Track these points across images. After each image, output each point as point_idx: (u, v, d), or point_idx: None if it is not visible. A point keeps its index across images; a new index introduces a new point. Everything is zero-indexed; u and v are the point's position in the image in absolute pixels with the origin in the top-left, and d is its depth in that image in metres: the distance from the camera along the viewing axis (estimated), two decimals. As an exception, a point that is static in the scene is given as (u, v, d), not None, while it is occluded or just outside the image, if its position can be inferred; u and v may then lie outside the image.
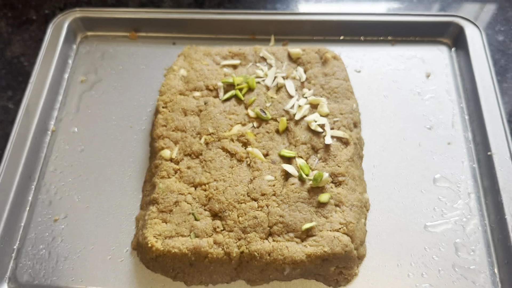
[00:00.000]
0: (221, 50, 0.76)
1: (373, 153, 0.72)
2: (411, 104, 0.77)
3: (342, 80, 0.72)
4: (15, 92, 0.81)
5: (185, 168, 0.64)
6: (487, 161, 0.69)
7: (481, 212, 0.67)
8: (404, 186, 0.69)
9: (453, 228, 0.65)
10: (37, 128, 0.73)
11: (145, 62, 0.83)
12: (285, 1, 0.94)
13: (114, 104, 0.78)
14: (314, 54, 0.75)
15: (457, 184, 0.69)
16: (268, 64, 0.74)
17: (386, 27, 0.84)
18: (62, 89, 0.80)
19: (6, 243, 0.63)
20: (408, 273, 0.62)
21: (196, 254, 0.57)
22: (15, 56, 0.86)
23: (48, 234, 0.65)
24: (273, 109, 0.69)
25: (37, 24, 0.90)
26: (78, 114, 0.77)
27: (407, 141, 0.73)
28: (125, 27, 0.86)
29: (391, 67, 0.82)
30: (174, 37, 0.86)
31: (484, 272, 0.62)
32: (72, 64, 0.83)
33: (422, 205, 0.67)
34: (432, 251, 0.63)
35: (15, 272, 0.62)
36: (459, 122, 0.75)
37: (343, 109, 0.69)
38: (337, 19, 0.84)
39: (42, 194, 0.68)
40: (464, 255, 0.63)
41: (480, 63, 0.79)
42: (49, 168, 0.71)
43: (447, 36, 0.85)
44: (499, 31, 0.89)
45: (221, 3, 0.93)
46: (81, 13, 0.85)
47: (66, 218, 0.66)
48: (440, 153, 0.72)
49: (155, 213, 0.61)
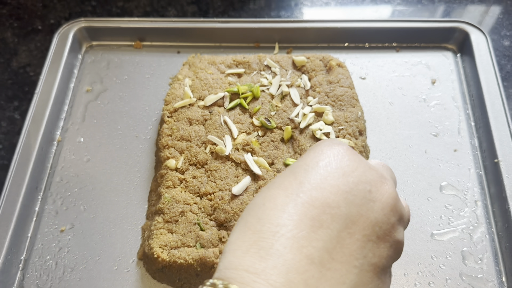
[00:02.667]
0: (226, 58, 0.76)
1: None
2: (417, 111, 0.77)
3: (347, 87, 0.72)
4: (21, 102, 0.82)
5: (191, 178, 0.64)
6: (494, 168, 0.69)
7: (488, 220, 0.66)
8: (410, 194, 0.69)
9: (460, 236, 0.65)
10: (43, 138, 0.73)
11: (150, 71, 0.83)
12: (289, 9, 0.94)
13: (119, 113, 0.78)
14: (319, 61, 0.75)
15: (463, 192, 0.68)
16: (273, 73, 0.74)
17: (391, 33, 0.84)
18: (68, 99, 0.80)
19: (13, 254, 0.64)
20: (415, 282, 0.61)
21: (202, 264, 0.57)
22: (21, 66, 0.86)
23: (54, 244, 0.65)
24: (277, 118, 0.69)
25: (43, 34, 0.91)
26: (83, 124, 0.77)
27: (413, 148, 0.73)
28: (130, 36, 0.86)
29: (396, 74, 0.81)
30: (178, 46, 0.86)
31: (492, 281, 0.61)
32: (77, 73, 0.83)
33: (429, 213, 0.67)
34: (439, 260, 0.63)
35: (22, 283, 0.62)
36: (465, 128, 0.75)
37: (348, 117, 0.68)
38: (341, 26, 0.84)
39: (49, 205, 0.69)
40: (471, 264, 0.63)
41: (486, 68, 0.78)
42: (55, 178, 0.71)
43: (453, 42, 0.84)
44: (505, 36, 0.89)
45: (225, 11, 0.94)
46: (86, 23, 0.85)
47: (72, 229, 0.66)
48: (446, 160, 0.72)
49: (160, 223, 0.61)
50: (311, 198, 0.33)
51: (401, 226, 0.37)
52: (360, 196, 0.34)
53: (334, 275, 0.31)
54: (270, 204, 0.33)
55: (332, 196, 0.33)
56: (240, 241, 0.32)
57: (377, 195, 0.35)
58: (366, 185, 0.35)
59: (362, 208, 0.34)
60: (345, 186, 0.34)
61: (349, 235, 0.32)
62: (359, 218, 0.33)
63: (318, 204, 0.32)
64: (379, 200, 0.35)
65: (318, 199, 0.33)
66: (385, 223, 0.34)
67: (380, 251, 0.34)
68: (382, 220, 0.34)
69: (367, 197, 0.34)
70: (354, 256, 0.32)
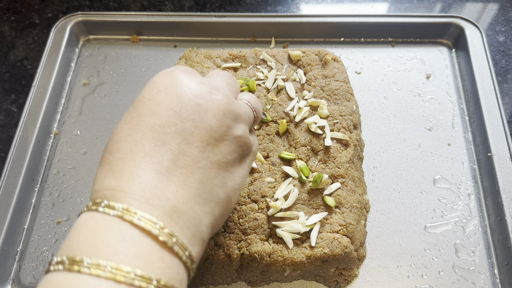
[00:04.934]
0: (222, 52, 0.77)
1: (373, 155, 0.72)
2: (411, 105, 0.78)
3: (342, 82, 0.72)
4: (19, 95, 0.82)
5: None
6: (487, 162, 0.70)
7: (481, 213, 0.67)
8: (404, 187, 0.69)
9: (453, 229, 0.65)
10: (40, 131, 0.73)
11: (146, 65, 0.83)
12: (286, 3, 0.94)
13: (116, 106, 0.78)
14: (314, 56, 0.76)
15: (457, 185, 0.69)
16: (269, 67, 0.75)
17: (386, 28, 0.85)
18: (65, 92, 0.80)
19: (9, 245, 0.64)
20: (408, 274, 0.62)
21: (197, 255, 0.58)
22: (19, 59, 0.87)
23: (51, 236, 0.66)
24: (273, 111, 0.69)
25: (40, 28, 0.91)
26: (80, 117, 0.77)
27: (407, 142, 0.74)
28: (127, 30, 0.87)
29: (391, 69, 0.82)
30: (175, 40, 0.87)
31: (484, 273, 0.62)
32: (74, 67, 0.84)
33: (422, 206, 0.67)
34: (432, 252, 0.63)
35: (18, 274, 0.63)
36: (459, 123, 0.75)
37: (343, 111, 0.69)
38: (337, 21, 0.84)
39: (45, 197, 0.69)
40: (464, 256, 0.63)
41: (480, 64, 0.79)
42: (52, 170, 0.72)
43: (448, 37, 0.85)
44: (500, 31, 0.89)
45: (222, 5, 0.94)
46: (83, 17, 0.86)
47: (68, 221, 0.67)
48: (440, 154, 0.72)
49: (156, 215, 0.61)
50: (149, 124, 0.38)
51: (240, 123, 0.43)
52: (192, 111, 0.39)
53: (180, 178, 0.38)
54: (117, 138, 0.39)
55: (167, 118, 0.39)
56: (99, 173, 0.38)
57: (208, 106, 0.40)
58: (196, 99, 0.40)
59: (196, 120, 0.39)
60: (177, 106, 0.39)
61: (189, 145, 0.39)
62: (194, 129, 0.39)
63: (156, 127, 0.38)
64: (210, 110, 0.40)
65: (155, 123, 0.38)
66: (220, 127, 0.40)
67: (220, 150, 0.41)
68: (217, 125, 0.40)
69: (198, 110, 0.40)
70: (196, 159, 0.39)
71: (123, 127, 0.40)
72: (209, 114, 0.40)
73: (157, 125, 0.38)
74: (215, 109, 0.40)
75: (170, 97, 0.40)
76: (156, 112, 0.39)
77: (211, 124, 0.40)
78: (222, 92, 0.42)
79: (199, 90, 0.41)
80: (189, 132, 0.39)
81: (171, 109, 0.39)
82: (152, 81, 0.42)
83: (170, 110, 0.39)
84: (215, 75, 0.47)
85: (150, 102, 0.40)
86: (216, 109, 0.41)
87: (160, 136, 0.38)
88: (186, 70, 0.43)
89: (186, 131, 0.39)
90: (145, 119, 0.39)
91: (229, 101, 0.42)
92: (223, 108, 0.41)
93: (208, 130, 0.40)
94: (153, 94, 0.40)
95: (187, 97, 0.40)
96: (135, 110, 0.40)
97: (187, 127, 0.39)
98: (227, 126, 0.41)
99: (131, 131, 0.39)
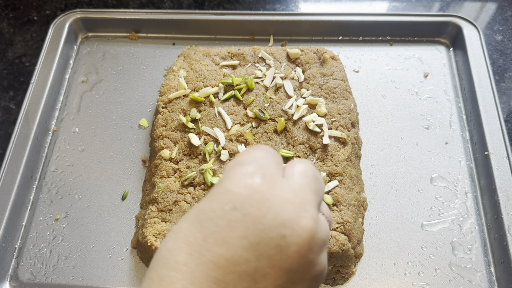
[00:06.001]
0: (220, 50, 0.77)
1: (370, 153, 0.73)
2: (409, 104, 0.78)
3: (340, 80, 0.73)
4: (17, 92, 0.82)
5: (185, 168, 0.65)
6: (484, 160, 0.70)
7: (478, 212, 0.67)
8: (401, 185, 0.69)
9: (450, 227, 0.66)
10: (39, 128, 0.73)
11: (145, 63, 0.83)
12: (284, 2, 0.94)
13: (114, 104, 0.78)
14: (313, 54, 0.76)
15: (454, 184, 0.69)
16: (267, 65, 0.75)
17: (384, 27, 0.85)
18: (63, 89, 0.80)
19: (8, 242, 0.64)
20: (405, 272, 0.62)
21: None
22: (17, 56, 0.87)
23: (49, 233, 0.66)
24: (271, 109, 0.69)
25: (39, 25, 0.91)
26: (79, 114, 0.77)
27: (405, 140, 0.74)
28: (125, 27, 0.87)
29: (389, 67, 0.82)
30: (174, 38, 0.87)
31: (481, 271, 0.62)
32: (73, 64, 0.84)
33: (419, 204, 0.68)
34: (429, 250, 0.64)
35: (16, 271, 0.63)
36: (457, 121, 0.76)
37: (341, 109, 0.69)
38: (335, 19, 0.85)
39: (43, 194, 0.69)
40: (460, 254, 0.64)
41: (478, 63, 0.79)
42: (50, 167, 0.72)
43: (445, 36, 0.85)
44: (498, 30, 0.90)
45: (221, 3, 0.94)
46: (82, 14, 0.86)
47: (66, 218, 0.67)
48: (437, 152, 0.72)
49: (154, 212, 0.62)
50: (215, 256, 0.29)
51: (323, 252, 0.33)
52: (272, 245, 0.30)
53: None
54: (172, 262, 0.30)
55: (240, 251, 0.29)
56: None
57: (293, 239, 0.30)
58: (280, 229, 0.30)
59: (275, 258, 0.30)
60: (254, 236, 0.29)
61: None
62: (270, 269, 0.30)
63: (223, 262, 0.29)
64: (295, 244, 0.30)
65: (223, 256, 0.29)
66: (302, 265, 0.31)
67: None
68: (299, 263, 0.30)
69: (280, 244, 0.30)
70: None
71: (183, 248, 0.30)
72: (292, 249, 0.30)
73: (224, 259, 0.29)
74: (300, 244, 0.30)
75: (247, 221, 0.30)
76: (227, 241, 0.29)
77: (292, 264, 0.30)
78: (311, 211, 0.32)
79: (285, 213, 0.31)
80: (263, 273, 0.29)
81: (245, 238, 0.29)
82: (227, 189, 0.31)
83: (244, 241, 0.29)
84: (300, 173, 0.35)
85: (221, 222, 0.30)
86: (302, 243, 0.30)
87: (224, 276, 0.29)
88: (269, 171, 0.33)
89: (258, 272, 0.29)
90: (211, 247, 0.29)
91: (316, 225, 0.32)
92: (309, 240, 0.31)
93: (287, 271, 0.30)
94: (226, 210, 0.30)
95: (269, 224, 0.30)
96: (200, 229, 0.30)
97: (262, 266, 0.29)
98: (310, 263, 0.31)
99: (190, 260, 0.29)
